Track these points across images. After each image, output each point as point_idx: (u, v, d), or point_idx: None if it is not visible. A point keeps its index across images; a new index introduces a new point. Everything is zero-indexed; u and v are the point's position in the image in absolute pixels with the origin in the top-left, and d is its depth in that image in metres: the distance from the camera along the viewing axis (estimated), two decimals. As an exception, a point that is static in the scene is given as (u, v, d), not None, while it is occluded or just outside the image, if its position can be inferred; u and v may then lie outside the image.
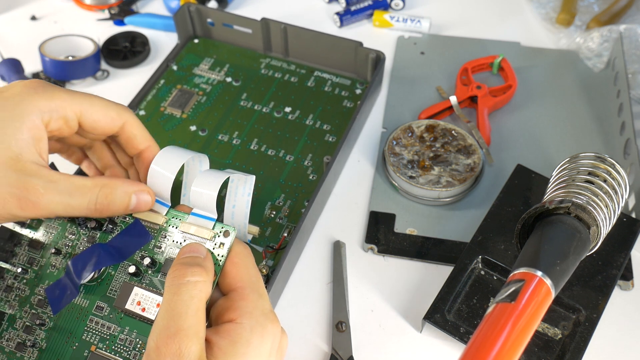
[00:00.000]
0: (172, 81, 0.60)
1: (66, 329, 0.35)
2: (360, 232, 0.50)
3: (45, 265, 0.37)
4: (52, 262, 0.37)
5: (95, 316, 0.35)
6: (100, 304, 0.35)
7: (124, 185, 0.35)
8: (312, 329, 0.45)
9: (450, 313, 0.43)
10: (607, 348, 0.43)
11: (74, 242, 0.37)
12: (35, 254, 0.38)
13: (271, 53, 0.63)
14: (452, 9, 0.69)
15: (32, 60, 0.63)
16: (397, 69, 0.62)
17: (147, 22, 0.67)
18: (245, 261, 0.33)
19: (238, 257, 0.33)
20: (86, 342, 0.35)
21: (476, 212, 0.50)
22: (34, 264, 0.37)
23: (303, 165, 0.53)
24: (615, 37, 0.61)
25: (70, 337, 0.35)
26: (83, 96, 0.36)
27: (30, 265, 0.37)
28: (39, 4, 0.70)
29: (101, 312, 0.35)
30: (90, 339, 0.35)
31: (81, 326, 0.35)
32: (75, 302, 0.36)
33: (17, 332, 0.36)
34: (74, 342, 0.35)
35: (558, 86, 0.60)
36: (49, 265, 0.37)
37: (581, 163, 0.43)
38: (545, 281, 0.36)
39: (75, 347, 0.35)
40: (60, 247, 0.37)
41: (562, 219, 0.40)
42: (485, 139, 0.55)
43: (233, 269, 0.33)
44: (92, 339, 0.34)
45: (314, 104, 0.58)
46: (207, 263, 0.32)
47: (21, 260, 0.38)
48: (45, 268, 0.37)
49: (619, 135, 0.55)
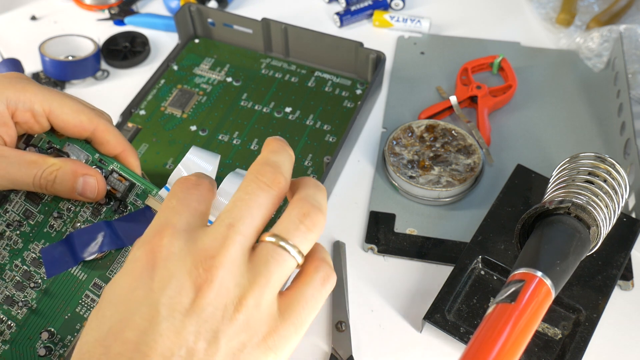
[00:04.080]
0: (172, 81, 0.60)
1: (60, 296, 0.35)
2: (360, 232, 0.50)
3: (43, 223, 0.37)
4: (51, 223, 0.37)
5: (92, 293, 0.35)
6: (97, 282, 0.35)
7: (74, 165, 0.35)
8: (312, 329, 0.45)
9: (450, 313, 0.43)
10: (607, 348, 0.43)
11: (77, 209, 0.37)
12: (32, 207, 0.37)
13: (272, 53, 0.63)
14: (452, 9, 0.69)
15: (32, 60, 0.63)
16: (397, 69, 0.62)
17: (147, 22, 0.67)
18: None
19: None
20: (79, 316, 0.34)
21: (476, 212, 0.50)
22: (30, 217, 0.37)
23: (303, 165, 0.53)
24: (615, 37, 0.61)
25: (64, 305, 0.35)
26: (56, 95, 0.36)
27: (26, 218, 0.37)
28: (39, 4, 0.70)
29: (98, 291, 0.35)
30: (84, 314, 0.34)
31: (76, 298, 0.35)
32: (72, 272, 0.35)
33: (5, 283, 0.36)
34: (66, 311, 0.35)
35: (558, 86, 0.61)
36: (46, 224, 0.37)
37: (581, 163, 0.43)
38: (545, 281, 0.36)
39: (67, 317, 0.35)
40: (62, 209, 0.37)
41: (562, 219, 0.40)
42: (485, 139, 0.55)
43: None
44: (86, 314, 0.34)
45: (315, 104, 0.58)
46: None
47: (16, 209, 0.37)
48: (42, 226, 0.37)
49: (619, 135, 0.55)
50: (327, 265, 0.28)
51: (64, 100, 0.36)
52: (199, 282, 0.24)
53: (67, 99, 0.36)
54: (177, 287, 0.24)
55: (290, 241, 0.26)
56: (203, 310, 0.24)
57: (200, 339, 0.24)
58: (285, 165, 0.28)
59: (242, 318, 0.25)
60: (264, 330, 0.25)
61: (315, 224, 0.27)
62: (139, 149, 0.55)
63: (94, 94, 0.61)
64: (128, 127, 0.56)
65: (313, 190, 0.28)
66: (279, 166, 0.27)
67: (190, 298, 0.24)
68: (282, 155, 0.28)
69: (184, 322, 0.24)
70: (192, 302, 0.24)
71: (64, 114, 0.36)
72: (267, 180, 0.26)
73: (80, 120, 0.36)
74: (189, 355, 0.24)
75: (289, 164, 0.28)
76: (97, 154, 0.38)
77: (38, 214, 0.37)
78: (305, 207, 0.27)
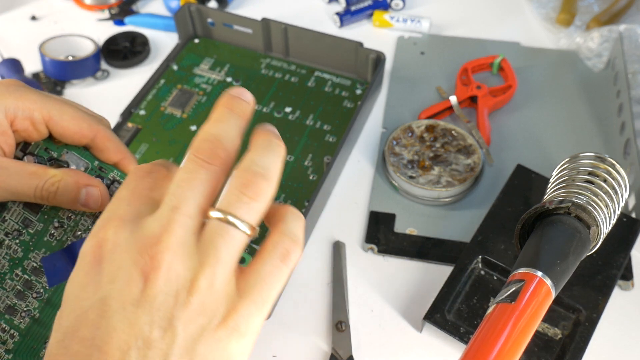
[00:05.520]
0: (172, 81, 0.60)
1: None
2: (360, 232, 0.50)
3: (42, 231, 0.36)
4: (52, 232, 0.36)
5: None
6: None
7: (76, 176, 0.34)
8: (312, 329, 0.45)
9: (450, 313, 0.43)
10: (607, 348, 0.43)
11: (78, 217, 0.36)
12: (31, 216, 0.37)
13: (271, 53, 0.63)
14: (452, 9, 0.69)
15: (32, 60, 0.63)
16: (397, 69, 0.62)
17: (147, 22, 0.67)
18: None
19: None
20: None
21: (476, 212, 0.50)
22: (29, 226, 0.36)
23: (303, 165, 0.53)
24: (615, 37, 0.61)
25: None
26: (55, 102, 0.35)
27: (25, 227, 0.36)
28: (39, 4, 0.70)
29: None
30: None
31: None
32: None
33: (6, 293, 0.35)
34: None
35: (558, 86, 0.61)
36: (46, 233, 0.36)
37: (581, 163, 0.43)
38: (545, 281, 0.36)
39: None
40: (62, 218, 0.36)
41: (562, 219, 0.40)
42: (485, 139, 0.55)
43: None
44: None
45: (315, 104, 0.58)
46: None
47: (15, 217, 0.37)
48: (42, 235, 0.36)
49: (619, 135, 0.55)
50: (289, 239, 0.27)
51: (63, 107, 0.35)
52: (146, 271, 0.24)
53: (66, 105, 0.36)
54: (125, 278, 0.24)
55: (234, 214, 0.25)
56: (154, 298, 0.24)
57: (155, 328, 0.24)
58: (228, 134, 0.26)
59: (196, 301, 0.24)
60: (222, 311, 0.25)
61: (258, 193, 0.26)
62: (139, 149, 0.55)
63: (94, 94, 0.61)
64: (128, 127, 0.56)
65: (258, 156, 0.27)
66: (219, 139, 0.26)
67: (139, 288, 0.24)
68: (225, 123, 0.27)
69: (136, 313, 0.24)
70: (142, 292, 0.24)
71: (64, 121, 0.35)
72: (206, 157, 0.26)
73: (81, 127, 0.36)
74: (146, 345, 0.23)
75: (234, 130, 0.27)
76: (96, 161, 0.37)
77: (37, 222, 0.36)
78: (245, 176, 0.26)
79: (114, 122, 0.56)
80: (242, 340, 0.25)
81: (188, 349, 0.24)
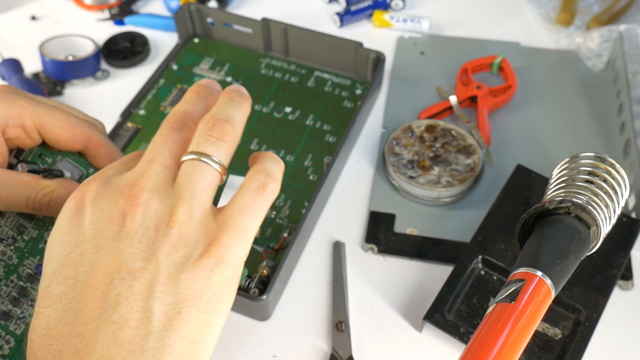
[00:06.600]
0: (172, 81, 0.60)
1: None
2: (360, 232, 0.50)
3: (37, 238, 0.36)
4: (46, 239, 0.35)
5: None
6: None
7: (69, 187, 0.34)
8: (312, 329, 0.45)
9: (450, 313, 0.43)
10: (607, 348, 0.43)
11: None
12: (25, 222, 0.36)
13: (271, 53, 0.63)
14: (452, 9, 0.69)
15: (32, 60, 0.63)
16: (397, 69, 0.62)
17: (147, 22, 0.67)
18: None
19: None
20: None
21: (476, 212, 0.50)
22: (24, 233, 0.36)
23: (303, 165, 0.53)
24: (615, 37, 0.61)
25: None
26: (47, 109, 0.35)
27: (20, 233, 0.36)
28: (39, 4, 0.70)
29: None
30: None
31: None
32: None
33: (2, 299, 0.35)
34: None
35: (558, 86, 0.61)
36: (41, 240, 0.36)
37: (581, 163, 0.43)
38: (545, 281, 0.36)
39: None
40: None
41: (562, 219, 0.40)
42: (485, 139, 0.55)
43: None
44: None
45: (314, 104, 0.58)
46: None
47: (9, 223, 0.36)
48: (37, 241, 0.36)
49: (619, 135, 0.55)
50: (264, 174, 0.29)
51: (55, 113, 0.35)
52: (125, 209, 0.26)
53: (58, 111, 0.35)
54: (105, 218, 0.26)
55: (203, 152, 0.27)
56: (135, 232, 0.25)
57: (138, 259, 0.25)
58: (195, 110, 0.30)
59: (175, 232, 0.26)
60: (203, 242, 0.26)
61: (223, 133, 0.28)
62: (139, 149, 0.55)
63: (93, 94, 0.61)
64: (128, 127, 0.56)
65: (221, 107, 0.29)
66: (186, 113, 0.30)
67: (119, 225, 0.25)
68: (193, 103, 0.30)
69: (117, 247, 0.25)
70: (122, 227, 0.25)
71: (56, 128, 0.35)
72: (175, 125, 0.29)
73: (73, 133, 0.35)
74: (129, 275, 0.25)
75: (200, 108, 0.30)
76: (91, 168, 0.37)
77: (32, 229, 0.36)
78: (210, 122, 0.28)
79: (114, 122, 0.56)
80: (226, 272, 0.26)
81: (172, 277, 0.25)
